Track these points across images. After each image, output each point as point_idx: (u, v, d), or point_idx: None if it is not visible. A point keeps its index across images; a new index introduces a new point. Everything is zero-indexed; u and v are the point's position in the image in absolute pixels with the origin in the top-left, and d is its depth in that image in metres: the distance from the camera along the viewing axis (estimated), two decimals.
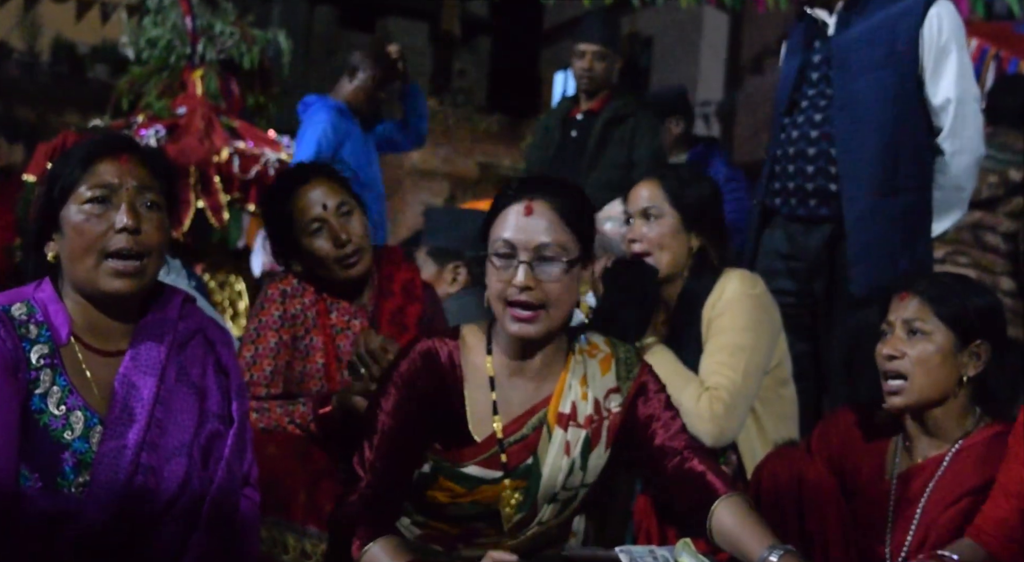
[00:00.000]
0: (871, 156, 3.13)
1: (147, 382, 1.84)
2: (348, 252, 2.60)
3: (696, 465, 2.05)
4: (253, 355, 2.58)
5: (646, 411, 2.12)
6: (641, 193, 2.78)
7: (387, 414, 2.05)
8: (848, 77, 3.16)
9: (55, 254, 1.85)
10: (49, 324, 1.83)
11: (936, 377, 2.19)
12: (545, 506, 2.11)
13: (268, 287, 2.66)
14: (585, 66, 4.61)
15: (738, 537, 1.94)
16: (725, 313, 2.66)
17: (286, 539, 2.33)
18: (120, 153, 1.86)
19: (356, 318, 2.68)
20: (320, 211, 2.61)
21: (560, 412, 2.09)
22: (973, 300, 2.23)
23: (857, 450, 2.32)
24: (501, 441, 2.07)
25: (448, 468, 2.07)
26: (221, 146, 5.52)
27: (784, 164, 3.26)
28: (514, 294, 1.98)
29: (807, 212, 3.22)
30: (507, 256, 2.00)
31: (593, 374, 2.12)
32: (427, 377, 2.07)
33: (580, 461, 2.09)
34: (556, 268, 1.99)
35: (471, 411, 2.08)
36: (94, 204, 1.82)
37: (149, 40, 6.07)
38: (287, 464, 2.37)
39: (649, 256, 2.72)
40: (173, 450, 1.84)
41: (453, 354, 2.09)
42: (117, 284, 1.81)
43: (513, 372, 2.10)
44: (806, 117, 3.23)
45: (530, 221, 2.00)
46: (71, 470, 1.78)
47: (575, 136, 4.59)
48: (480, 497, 2.08)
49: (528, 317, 1.99)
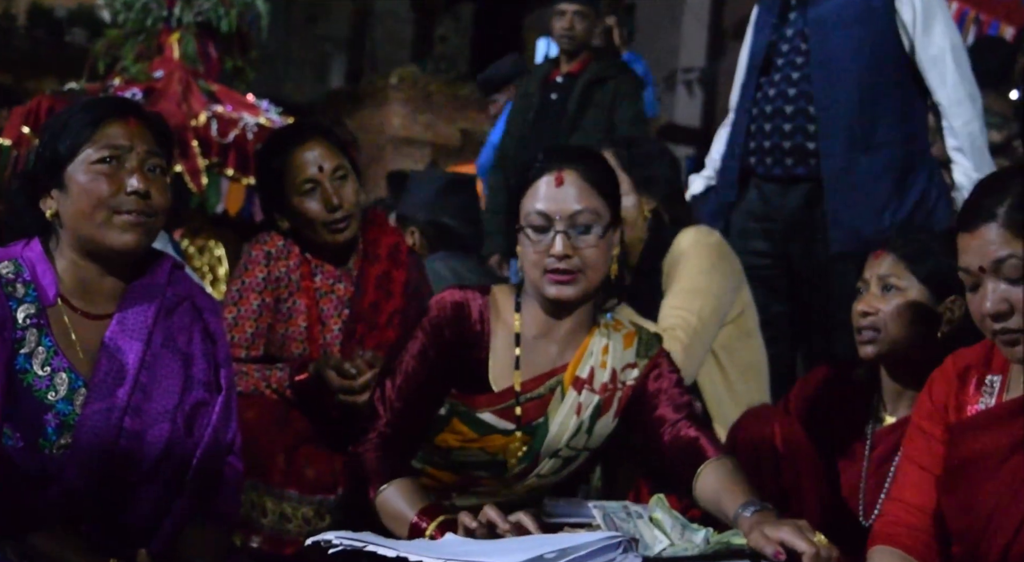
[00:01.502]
0: (848, 112, 3.14)
1: (133, 346, 1.85)
2: (337, 217, 2.59)
3: (691, 432, 2.09)
4: (235, 317, 2.57)
5: (655, 386, 2.17)
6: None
7: (412, 356, 2.09)
8: (824, 34, 3.16)
9: (54, 211, 1.84)
10: (36, 284, 1.83)
11: (910, 332, 2.20)
12: (546, 460, 2.16)
13: (252, 248, 2.64)
14: (565, 25, 4.58)
15: (718, 496, 1.97)
16: (680, 261, 2.71)
17: (264, 503, 2.33)
18: (128, 116, 1.87)
19: (340, 281, 2.67)
20: (315, 172, 2.59)
21: (577, 375, 2.14)
22: (948, 257, 2.23)
23: (834, 408, 2.34)
24: (518, 395, 2.12)
25: (464, 411, 2.12)
26: (199, 110, 5.47)
27: (760, 123, 3.25)
28: (552, 264, 2.04)
29: (783, 171, 3.22)
30: (542, 227, 2.05)
31: (616, 346, 2.17)
32: (455, 326, 2.12)
33: (588, 424, 2.14)
34: (591, 235, 2.05)
35: (493, 362, 2.13)
36: (104, 164, 1.82)
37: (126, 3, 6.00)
38: (266, 428, 2.37)
39: None
40: (157, 415, 1.84)
41: (483, 309, 2.14)
42: (126, 238, 1.82)
43: (539, 333, 2.15)
44: (783, 75, 3.23)
45: (562, 191, 2.05)
46: (53, 431, 1.78)
47: (555, 99, 4.56)
48: (488, 445, 2.12)
49: (567, 280, 2.04)
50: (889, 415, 2.29)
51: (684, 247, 2.72)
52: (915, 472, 1.90)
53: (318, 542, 1.79)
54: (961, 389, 1.86)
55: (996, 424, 1.76)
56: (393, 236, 2.77)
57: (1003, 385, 1.83)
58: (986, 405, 1.82)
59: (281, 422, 2.42)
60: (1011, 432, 1.73)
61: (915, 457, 1.91)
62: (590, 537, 1.74)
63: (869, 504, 2.24)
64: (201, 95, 5.59)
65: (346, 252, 2.68)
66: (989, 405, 1.82)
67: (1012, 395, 1.81)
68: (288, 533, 2.32)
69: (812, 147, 3.17)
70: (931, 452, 1.87)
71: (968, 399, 1.85)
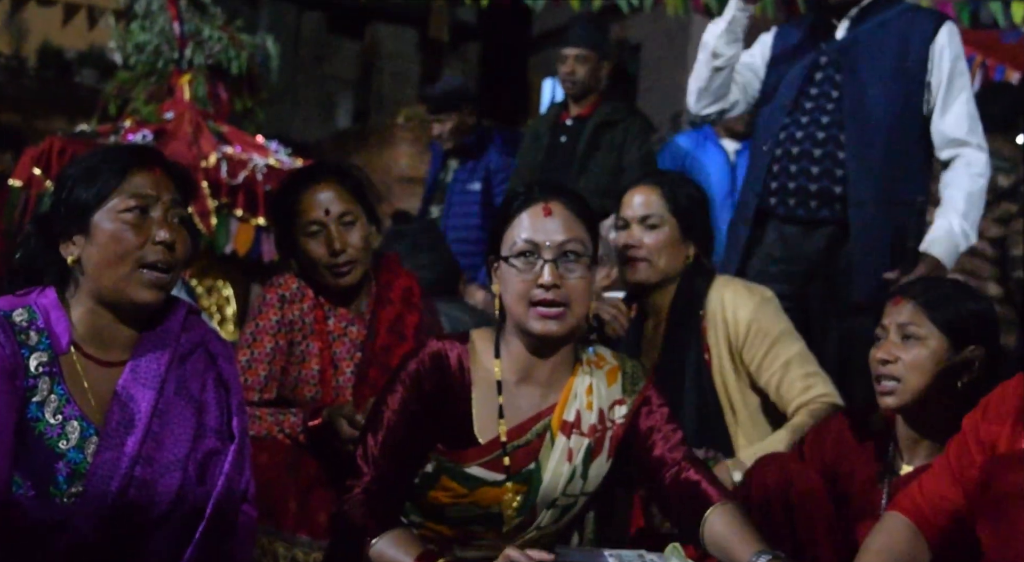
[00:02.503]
0: (879, 163, 3.16)
1: (145, 394, 1.84)
2: (339, 261, 2.59)
3: (692, 475, 2.08)
4: (248, 359, 2.57)
5: (648, 423, 2.15)
6: (638, 199, 2.77)
7: (393, 411, 2.08)
8: (858, 84, 3.18)
9: (76, 258, 1.84)
10: (50, 331, 1.82)
11: (929, 381, 2.19)
12: (544, 511, 2.13)
13: (267, 291, 2.65)
14: (567, 70, 4.61)
15: (728, 544, 1.96)
16: (759, 333, 2.68)
17: (276, 548, 2.32)
18: (154, 166, 1.88)
19: (353, 324, 2.67)
20: (321, 215, 2.61)
21: (564, 420, 2.11)
22: (968, 305, 2.22)
23: (850, 456, 2.32)
24: (505, 445, 2.09)
25: (451, 468, 2.09)
26: (209, 151, 5.50)
27: (785, 163, 3.23)
28: (540, 294, 2.02)
29: (807, 213, 3.21)
30: (530, 255, 2.03)
31: (599, 384, 2.14)
32: (435, 378, 2.09)
33: (581, 469, 2.12)
34: (579, 266, 2.04)
35: (477, 414, 2.10)
36: (131, 213, 1.83)
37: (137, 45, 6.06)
38: (278, 472, 2.36)
39: (646, 263, 2.73)
40: (168, 464, 1.83)
41: (463, 357, 2.12)
42: (146, 294, 1.83)
43: (520, 378, 2.12)
44: (811, 118, 3.22)
45: (550, 221, 2.05)
46: (64, 480, 1.77)
47: (564, 141, 4.58)
48: (480, 499, 2.10)
49: (554, 315, 2.02)
50: (906, 464, 2.27)
51: (751, 314, 2.69)
52: (944, 471, 1.93)
53: None
54: (1019, 418, 1.86)
55: None
56: (406, 279, 2.77)
57: None
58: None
59: (293, 467, 2.41)
60: None
61: (951, 457, 1.95)
62: None
63: None
64: (211, 136, 5.62)
65: (352, 295, 2.68)
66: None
67: None
68: None
69: (839, 191, 3.16)
70: (963, 464, 1.90)
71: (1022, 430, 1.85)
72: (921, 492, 1.95)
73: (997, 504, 1.79)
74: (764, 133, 3.33)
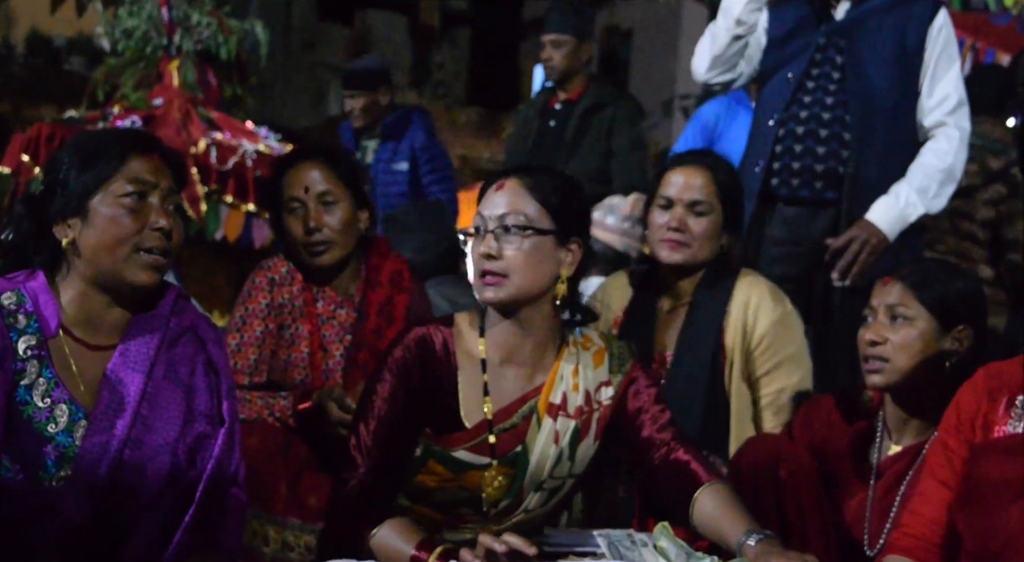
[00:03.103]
0: (882, 146, 3.14)
1: (134, 378, 1.84)
2: (313, 240, 2.60)
3: (681, 455, 2.08)
4: (238, 343, 2.57)
5: (635, 404, 2.15)
6: (689, 181, 2.68)
7: (383, 400, 2.08)
8: (860, 66, 3.16)
9: (71, 240, 1.84)
10: (38, 315, 1.82)
11: (918, 362, 2.20)
12: (531, 494, 2.13)
13: (256, 275, 2.65)
14: (544, 56, 4.60)
15: (718, 523, 1.96)
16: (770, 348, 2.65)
17: (267, 531, 2.32)
18: (152, 151, 1.88)
19: (343, 308, 2.67)
20: (301, 193, 2.61)
21: (550, 402, 2.12)
22: (956, 285, 2.23)
23: (839, 436, 2.32)
24: (491, 425, 2.10)
25: (439, 452, 2.09)
26: (198, 137, 5.50)
27: (789, 143, 3.20)
28: (481, 264, 2.05)
29: (811, 194, 3.18)
30: (477, 229, 2.08)
31: (585, 366, 2.15)
32: (421, 363, 2.10)
33: (568, 451, 2.12)
34: (518, 238, 2.05)
35: (463, 396, 2.11)
36: (131, 199, 1.83)
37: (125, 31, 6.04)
38: (268, 456, 2.36)
39: (687, 248, 2.66)
40: (158, 448, 1.83)
41: (448, 341, 2.13)
42: (144, 276, 1.83)
43: (505, 357, 2.13)
44: (814, 98, 3.19)
45: (498, 195, 2.09)
46: (53, 464, 1.77)
47: (553, 126, 4.57)
48: (466, 483, 2.10)
49: (491, 282, 2.05)
50: (894, 444, 2.27)
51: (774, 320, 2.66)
52: (934, 487, 1.90)
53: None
54: (991, 407, 1.86)
55: (1021, 452, 1.75)
56: (396, 262, 2.77)
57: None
58: (1015, 428, 1.82)
59: (283, 450, 2.41)
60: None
61: (935, 471, 1.92)
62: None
63: (875, 533, 2.22)
64: (200, 122, 5.61)
65: (333, 276, 2.67)
66: (1017, 428, 1.81)
67: None
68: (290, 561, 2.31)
69: (842, 171, 3.15)
70: (951, 468, 1.87)
71: (997, 419, 1.85)
72: (910, 527, 1.91)
73: (976, 493, 1.79)
74: (768, 108, 3.29)
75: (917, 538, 1.88)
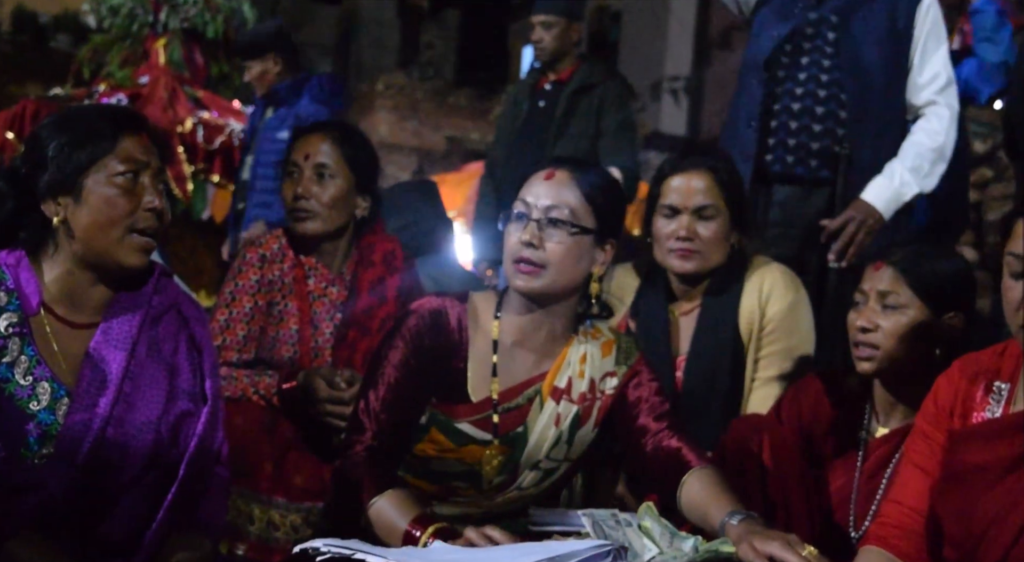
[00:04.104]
0: (877, 125, 3.14)
1: (116, 356, 1.83)
2: (297, 206, 2.62)
3: (673, 442, 2.09)
4: (227, 319, 2.57)
5: (636, 394, 2.17)
6: (692, 186, 2.61)
7: (394, 367, 2.08)
8: (853, 44, 3.14)
9: (62, 218, 1.82)
10: (19, 292, 1.81)
11: (909, 349, 2.19)
12: (526, 472, 2.14)
13: (247, 250, 2.65)
14: (535, 38, 4.58)
15: (704, 506, 1.97)
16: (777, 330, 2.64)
17: (252, 510, 2.33)
18: (142, 130, 1.87)
19: (334, 285, 2.67)
20: (300, 159, 2.65)
21: (555, 385, 2.14)
22: (948, 273, 2.22)
23: (826, 417, 2.32)
24: (496, 405, 2.11)
25: (443, 421, 2.11)
26: (185, 116, 5.48)
27: (784, 119, 3.18)
28: (519, 251, 2.05)
29: (806, 172, 3.16)
30: (520, 215, 2.08)
31: (593, 355, 2.16)
32: (434, 334, 2.11)
33: (567, 434, 2.14)
34: (561, 231, 2.06)
35: (472, 372, 2.12)
36: (125, 178, 1.81)
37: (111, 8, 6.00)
38: (254, 435, 2.36)
39: (699, 255, 2.61)
40: (140, 426, 1.83)
41: (461, 317, 2.14)
42: (135, 258, 1.83)
43: (517, 340, 2.14)
44: (809, 74, 3.17)
45: (548, 185, 2.08)
46: (35, 441, 1.76)
47: (543, 106, 4.55)
48: (465, 456, 2.11)
49: (527, 271, 2.06)
50: (881, 426, 2.27)
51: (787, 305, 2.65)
52: (914, 475, 1.89)
53: (306, 550, 1.78)
54: (968, 394, 1.85)
55: (1000, 436, 1.75)
56: (388, 242, 2.78)
57: (1011, 394, 1.82)
58: (992, 413, 1.81)
59: (269, 429, 2.41)
60: (1014, 446, 1.72)
61: (915, 460, 1.91)
62: (579, 545, 1.75)
63: (860, 515, 2.23)
64: (187, 101, 5.59)
65: (319, 248, 2.68)
66: (996, 413, 1.81)
67: (1020, 405, 1.80)
68: (276, 541, 2.32)
69: (838, 151, 3.14)
70: (931, 456, 1.87)
71: (975, 405, 1.84)
72: (889, 517, 1.89)
73: (955, 480, 1.79)
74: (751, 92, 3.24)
75: (895, 527, 1.86)
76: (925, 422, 1.91)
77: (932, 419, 1.89)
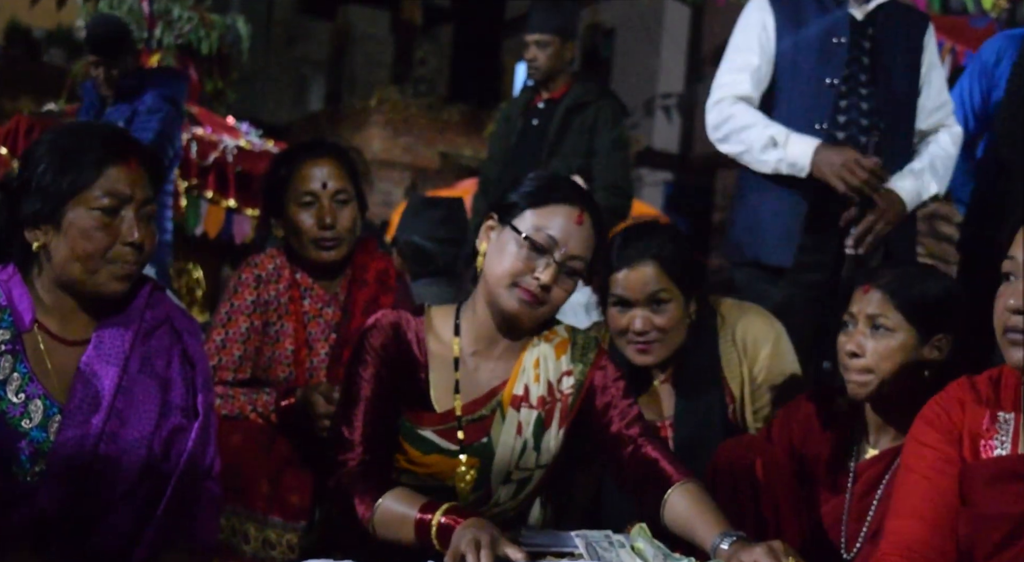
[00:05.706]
0: (906, 154, 3.17)
1: (109, 371, 1.83)
2: (327, 236, 2.61)
3: (650, 452, 2.10)
4: (223, 339, 2.56)
5: (603, 399, 2.18)
6: (644, 277, 2.52)
7: (367, 381, 2.12)
8: (885, 71, 3.15)
9: (41, 244, 1.82)
10: (12, 309, 1.81)
11: (897, 371, 2.19)
12: (500, 487, 2.16)
13: (243, 271, 2.65)
14: (529, 57, 4.58)
15: (691, 524, 1.97)
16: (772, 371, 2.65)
17: (247, 529, 2.31)
18: (130, 158, 1.84)
19: (329, 306, 2.67)
20: (317, 187, 2.62)
21: (514, 394, 2.16)
22: (936, 295, 2.22)
23: (817, 438, 2.33)
24: (459, 418, 2.13)
25: (409, 428, 2.13)
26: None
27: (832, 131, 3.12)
28: (530, 284, 2.07)
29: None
30: (543, 250, 2.08)
31: (547, 357, 2.19)
32: (396, 345, 2.15)
33: (532, 441, 2.15)
34: (572, 281, 2.12)
35: (434, 385, 2.15)
36: (104, 213, 1.80)
37: None
38: (251, 453, 2.35)
39: (659, 344, 2.55)
40: (133, 441, 1.82)
41: (419, 331, 2.17)
42: (114, 285, 1.83)
43: (477, 354, 2.18)
44: (850, 103, 3.14)
45: (578, 230, 2.10)
46: (27, 459, 1.76)
47: (536, 124, 4.56)
48: (435, 471, 2.12)
49: (532, 302, 2.08)
50: (871, 447, 2.27)
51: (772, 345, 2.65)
52: (925, 485, 1.86)
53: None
54: (974, 421, 1.85)
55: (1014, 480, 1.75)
56: (382, 261, 2.78)
57: (1017, 425, 1.81)
58: (1001, 443, 1.81)
59: (266, 447, 2.40)
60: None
61: (922, 470, 1.87)
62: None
63: (851, 536, 2.23)
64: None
65: (330, 273, 2.69)
66: (1005, 443, 1.81)
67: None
68: (272, 560, 2.31)
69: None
70: (945, 468, 1.85)
71: (982, 433, 1.84)
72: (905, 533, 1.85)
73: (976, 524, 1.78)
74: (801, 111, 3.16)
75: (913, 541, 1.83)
76: (925, 437, 1.88)
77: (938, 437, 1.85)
